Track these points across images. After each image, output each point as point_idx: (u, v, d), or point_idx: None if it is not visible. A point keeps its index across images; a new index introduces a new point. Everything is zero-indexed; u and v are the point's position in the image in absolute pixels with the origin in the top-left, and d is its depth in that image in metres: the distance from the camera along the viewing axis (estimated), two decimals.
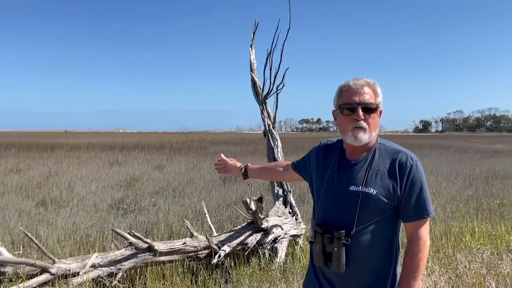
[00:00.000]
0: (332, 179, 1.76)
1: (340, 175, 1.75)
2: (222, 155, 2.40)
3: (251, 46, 5.63)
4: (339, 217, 1.70)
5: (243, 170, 2.28)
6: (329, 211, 1.74)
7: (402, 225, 1.77)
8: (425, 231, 1.67)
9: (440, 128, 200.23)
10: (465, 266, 3.87)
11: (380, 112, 1.76)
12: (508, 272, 3.71)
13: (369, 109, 1.70)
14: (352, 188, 1.69)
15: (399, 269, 1.73)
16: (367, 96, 1.70)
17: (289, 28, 5.00)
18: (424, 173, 1.72)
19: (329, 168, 1.80)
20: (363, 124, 1.68)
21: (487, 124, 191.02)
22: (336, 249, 1.65)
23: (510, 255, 4.35)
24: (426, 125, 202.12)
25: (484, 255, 4.32)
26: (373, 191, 1.65)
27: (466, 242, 5.00)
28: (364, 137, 1.69)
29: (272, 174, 2.29)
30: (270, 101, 5.46)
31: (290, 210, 5.16)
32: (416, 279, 1.62)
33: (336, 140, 1.91)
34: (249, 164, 2.30)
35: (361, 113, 1.68)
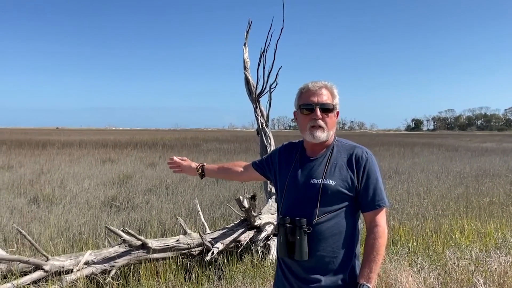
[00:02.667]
0: (294, 175, 1.87)
1: (302, 171, 1.86)
2: (174, 157, 2.36)
3: (244, 45, 5.66)
4: (301, 208, 1.79)
5: (200, 171, 2.27)
6: (292, 203, 1.84)
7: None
8: (382, 219, 1.80)
9: (431, 127, 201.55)
10: (454, 263, 3.94)
11: (337, 113, 1.89)
12: (495, 268, 3.78)
13: (327, 109, 1.83)
14: (313, 181, 1.80)
15: (358, 262, 1.83)
16: (325, 97, 1.83)
17: (282, 27, 5.04)
18: (416, 171, 1.79)
19: (291, 165, 1.91)
20: (321, 123, 1.81)
21: (478, 123, 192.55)
22: (298, 237, 1.74)
23: (498, 252, 4.42)
24: (418, 124, 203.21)
25: (472, 252, 4.40)
26: (332, 182, 1.77)
27: (455, 239, 5.09)
28: (322, 135, 1.82)
29: (230, 174, 2.28)
30: (264, 100, 5.50)
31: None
32: (377, 263, 1.74)
33: (298, 141, 2.02)
34: (205, 164, 2.31)
35: (319, 112, 1.81)
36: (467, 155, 20.30)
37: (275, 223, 4.74)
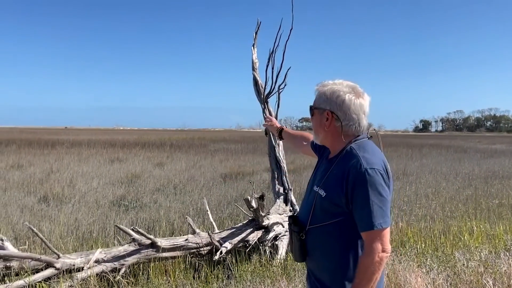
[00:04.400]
0: (311, 177, 1.88)
1: (315, 174, 1.85)
2: (269, 116, 2.70)
3: (253, 45, 5.67)
4: (302, 213, 1.82)
5: (278, 133, 2.51)
6: (300, 206, 1.90)
7: None
8: (377, 242, 1.55)
9: (440, 128, 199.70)
10: (463, 264, 3.92)
11: (327, 113, 1.70)
12: (505, 270, 3.76)
13: (311, 112, 1.81)
14: (315, 188, 1.76)
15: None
16: (313, 101, 1.80)
17: (291, 28, 5.01)
18: (424, 172, 1.74)
19: (317, 165, 1.92)
20: (312, 125, 1.81)
21: (487, 124, 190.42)
22: (293, 240, 1.79)
23: (507, 254, 4.40)
24: (426, 125, 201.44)
25: (482, 253, 4.38)
26: (323, 193, 1.67)
27: (464, 241, 5.06)
28: (315, 137, 1.83)
29: (296, 144, 2.38)
30: (272, 100, 5.50)
31: (291, 208, 5.22)
32: None
33: None
34: (285, 128, 2.51)
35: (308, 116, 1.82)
36: (476, 156, 20.15)
37: (284, 223, 4.75)
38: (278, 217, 4.82)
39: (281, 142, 5.46)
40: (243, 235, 4.38)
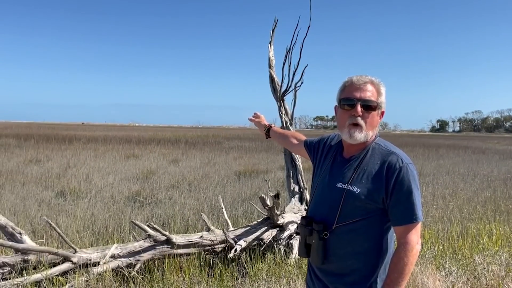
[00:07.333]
0: (325, 174, 1.80)
1: (332, 171, 1.78)
2: (257, 112, 2.55)
3: (270, 43, 5.63)
4: (324, 211, 1.73)
5: (266, 130, 2.43)
6: (316, 204, 1.79)
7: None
8: (413, 236, 1.61)
9: (457, 128, 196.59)
10: (484, 268, 3.84)
11: (382, 113, 1.75)
12: None
13: (369, 107, 1.69)
14: (339, 185, 1.70)
15: (383, 278, 1.67)
16: (369, 93, 1.69)
17: (309, 26, 4.98)
18: (441, 173, 1.70)
19: (328, 162, 1.84)
20: (360, 121, 1.68)
21: (506, 125, 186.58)
22: (314, 241, 1.70)
23: None
24: (443, 125, 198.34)
25: (502, 257, 4.28)
26: (356, 189, 1.64)
27: (483, 244, 4.95)
28: (360, 136, 1.68)
29: (286, 142, 2.34)
30: (288, 98, 5.46)
31: (306, 207, 5.18)
32: (399, 284, 1.58)
33: None
34: (272, 126, 2.43)
35: (359, 109, 1.67)
36: (495, 158, 19.75)
37: (299, 222, 4.72)
38: (293, 216, 4.78)
39: None
40: (257, 233, 4.36)
